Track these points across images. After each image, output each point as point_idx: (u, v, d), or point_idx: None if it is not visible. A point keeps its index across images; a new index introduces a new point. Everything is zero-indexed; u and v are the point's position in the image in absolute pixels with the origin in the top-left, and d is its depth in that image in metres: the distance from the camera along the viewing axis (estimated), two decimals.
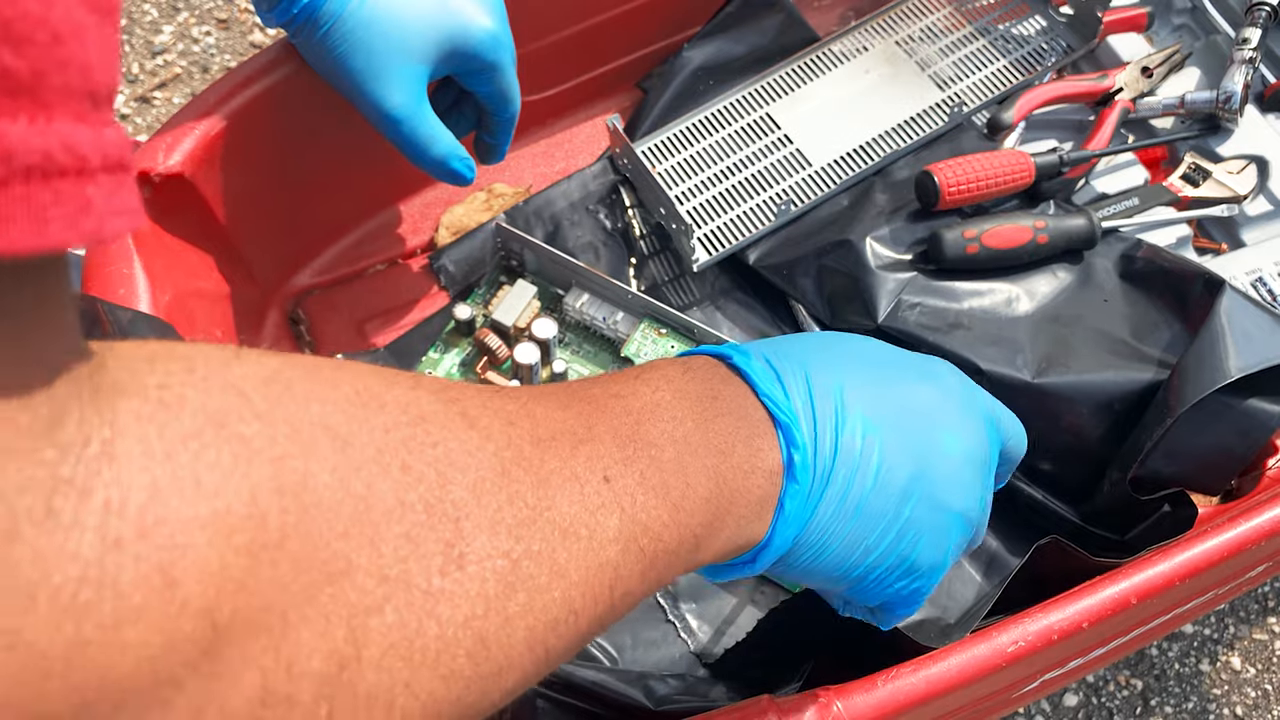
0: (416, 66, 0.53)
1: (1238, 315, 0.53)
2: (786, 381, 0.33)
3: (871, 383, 0.34)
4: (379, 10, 0.52)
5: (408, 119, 0.53)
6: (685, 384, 0.32)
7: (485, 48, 0.54)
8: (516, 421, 0.28)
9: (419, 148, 0.54)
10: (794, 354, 0.34)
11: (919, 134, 0.66)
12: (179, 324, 0.53)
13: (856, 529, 0.34)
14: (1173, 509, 0.53)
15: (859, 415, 0.33)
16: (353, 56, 0.52)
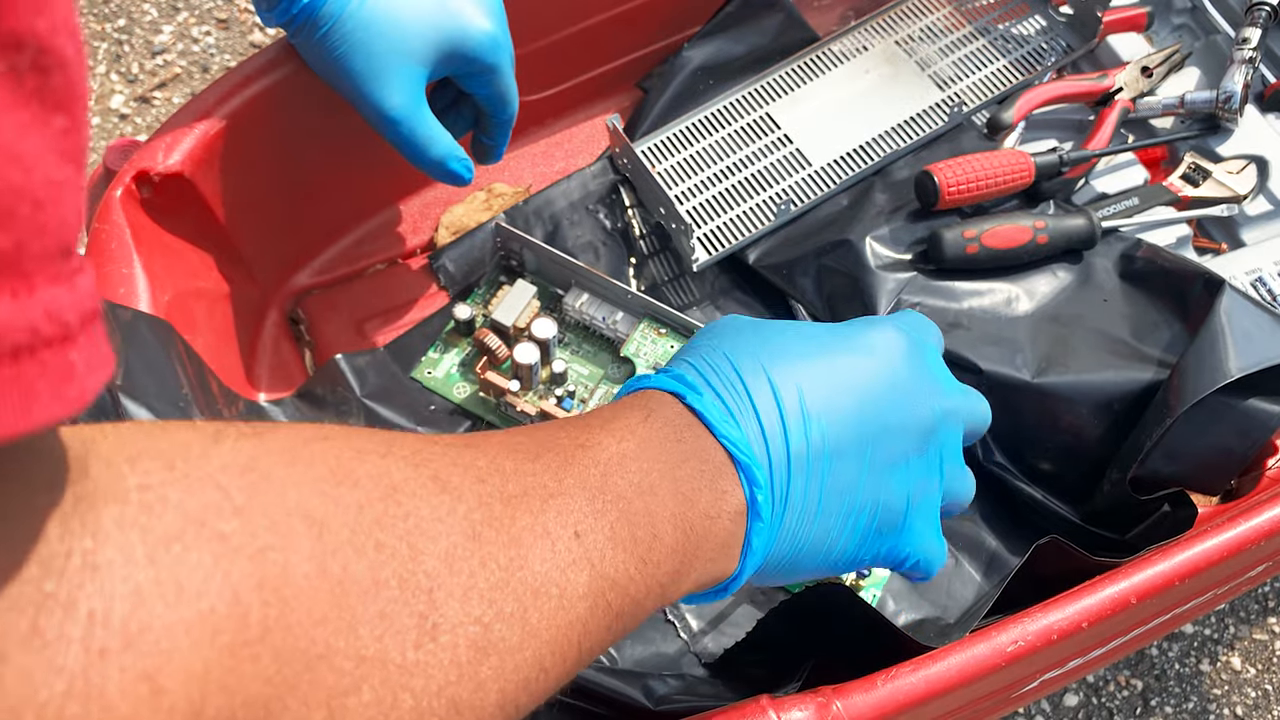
0: (415, 68, 0.53)
1: (1237, 315, 0.53)
2: (735, 410, 0.34)
3: (809, 377, 0.35)
4: (378, 12, 0.52)
5: (406, 120, 0.53)
6: (648, 432, 0.32)
7: (484, 50, 0.55)
8: (487, 478, 0.28)
9: (417, 149, 0.54)
10: (729, 364, 0.35)
11: (919, 134, 0.66)
12: (179, 324, 0.53)
13: (817, 532, 0.35)
14: (1172, 509, 0.53)
15: (804, 424, 0.34)
16: (352, 57, 0.52)
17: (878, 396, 0.36)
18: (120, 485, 0.21)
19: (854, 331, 0.38)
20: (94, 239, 0.54)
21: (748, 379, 0.34)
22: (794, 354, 0.36)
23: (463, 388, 0.61)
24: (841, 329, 0.38)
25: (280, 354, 0.65)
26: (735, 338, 0.36)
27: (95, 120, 1.13)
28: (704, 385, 0.34)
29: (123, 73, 1.15)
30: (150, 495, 0.21)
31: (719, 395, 0.34)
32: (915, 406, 0.37)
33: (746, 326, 0.37)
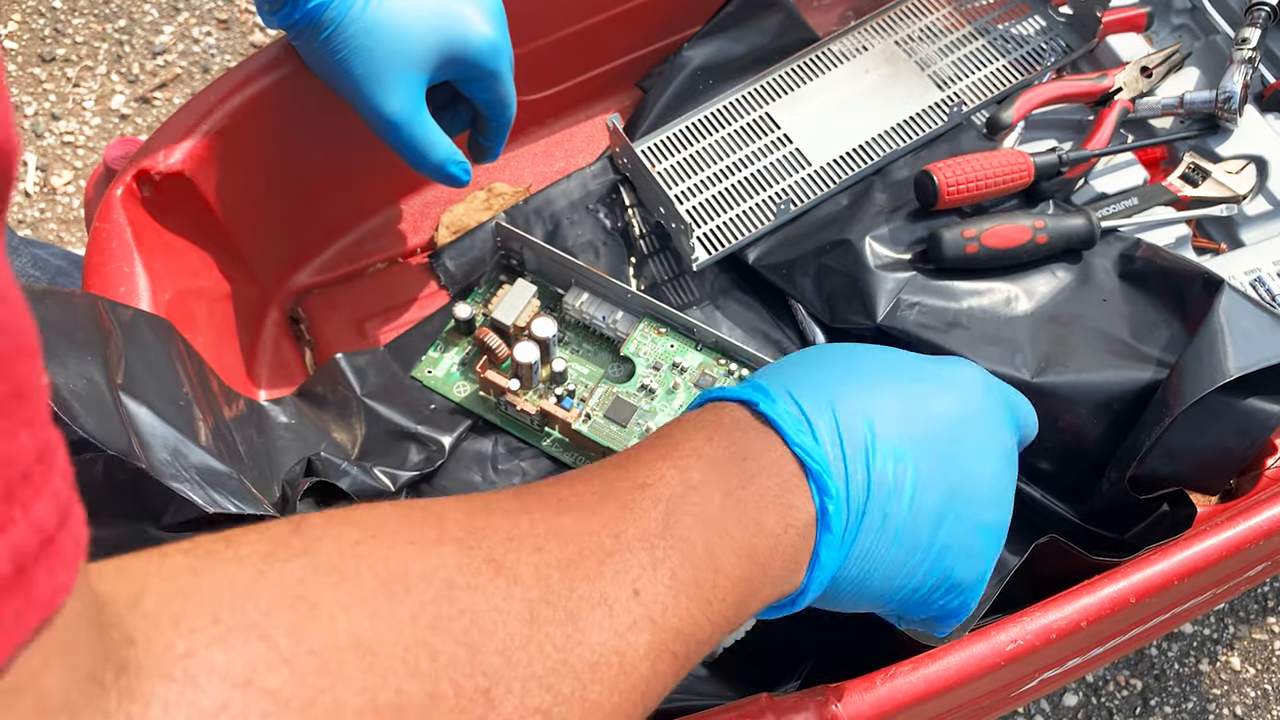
0: (416, 74, 0.53)
1: (1237, 315, 0.54)
2: (814, 421, 0.33)
3: (899, 404, 0.35)
4: (381, 17, 0.52)
5: (406, 124, 0.54)
6: (714, 453, 0.32)
7: (484, 56, 0.55)
8: (544, 546, 0.28)
9: (417, 153, 0.55)
10: (818, 382, 0.34)
11: (918, 134, 0.66)
12: (179, 323, 0.53)
13: (894, 558, 0.34)
14: (1171, 508, 0.53)
15: (889, 443, 0.34)
16: (354, 62, 0.52)
17: (965, 431, 0.35)
18: (166, 656, 0.21)
19: (940, 364, 0.37)
20: (95, 238, 0.54)
21: (835, 394, 0.34)
22: (882, 375, 0.35)
23: (463, 387, 0.61)
24: (927, 359, 0.37)
25: (280, 353, 0.65)
26: (824, 358, 0.36)
27: (96, 120, 1.13)
28: (782, 394, 0.34)
29: (123, 73, 1.15)
30: (195, 664, 0.21)
31: (796, 402, 0.33)
32: (998, 445, 0.36)
33: (835, 350, 0.37)
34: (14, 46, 1.16)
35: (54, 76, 1.14)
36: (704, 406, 0.35)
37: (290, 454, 0.56)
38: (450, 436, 0.59)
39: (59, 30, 1.16)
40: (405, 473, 0.57)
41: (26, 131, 1.11)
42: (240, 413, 0.55)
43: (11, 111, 0.17)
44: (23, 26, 1.17)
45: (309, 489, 0.49)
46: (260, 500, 0.45)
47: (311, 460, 0.55)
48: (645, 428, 0.57)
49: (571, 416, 0.57)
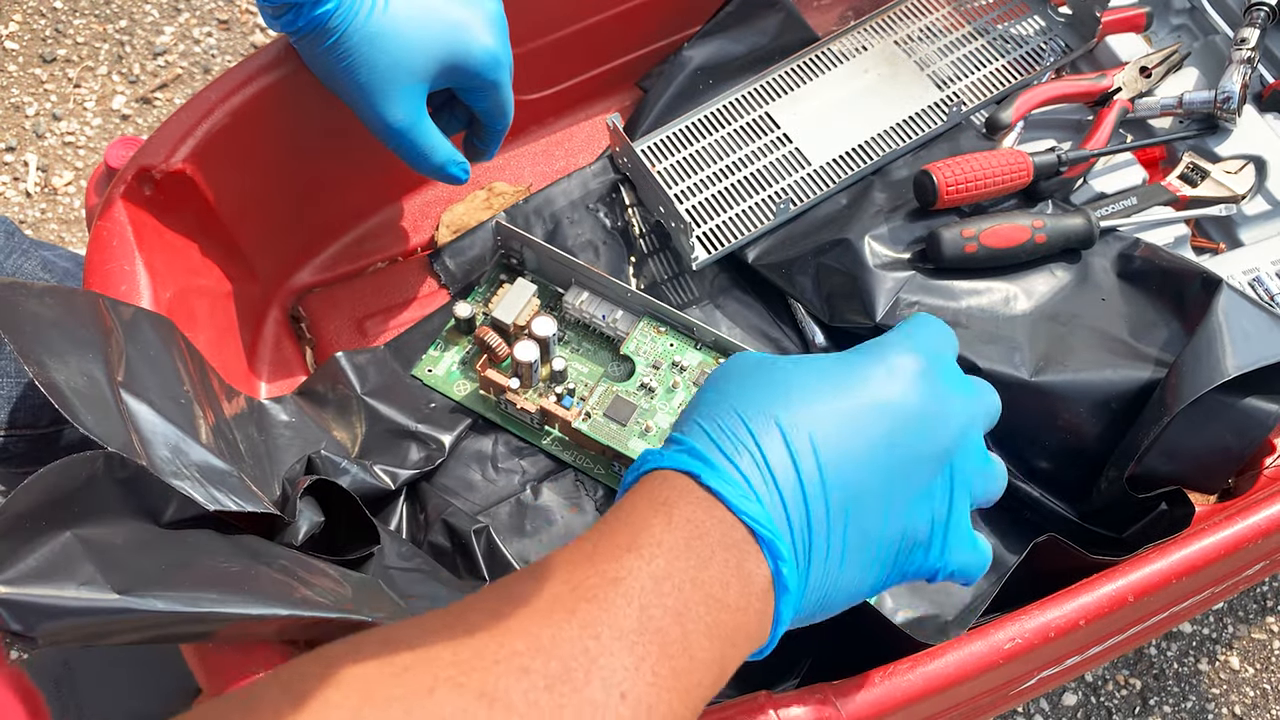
0: (418, 83, 0.54)
1: (1235, 314, 0.54)
2: (750, 478, 0.34)
3: (821, 423, 0.35)
4: (384, 27, 0.52)
5: (409, 131, 0.55)
6: (674, 540, 0.33)
7: (485, 67, 0.56)
8: (530, 667, 0.29)
9: (418, 156, 0.56)
10: (738, 420, 0.35)
11: (918, 133, 0.66)
12: (180, 321, 0.53)
13: (845, 577, 0.36)
14: (1170, 507, 0.53)
15: (821, 476, 0.34)
16: (357, 71, 0.53)
17: (896, 432, 0.36)
18: None
19: (867, 363, 0.37)
20: (96, 236, 0.54)
21: (761, 438, 0.34)
22: (806, 398, 0.35)
23: (463, 385, 0.61)
24: (854, 361, 0.37)
25: (281, 351, 0.65)
26: (743, 384, 0.36)
27: (97, 121, 1.13)
28: (717, 455, 0.34)
29: (124, 73, 1.15)
30: None
31: (734, 463, 0.34)
32: (935, 432, 0.37)
33: (754, 369, 0.37)
34: (15, 47, 1.16)
35: (55, 77, 1.14)
36: (652, 477, 0.35)
37: (291, 452, 0.56)
38: (450, 435, 0.59)
39: (60, 31, 1.17)
40: (405, 471, 0.57)
41: (27, 131, 1.11)
42: (241, 411, 0.55)
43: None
44: (24, 27, 1.17)
45: (309, 487, 0.49)
46: (260, 498, 0.45)
47: (312, 458, 0.55)
48: (644, 426, 0.57)
49: (571, 415, 0.57)
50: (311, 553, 0.47)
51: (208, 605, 0.38)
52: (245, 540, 0.44)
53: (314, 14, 0.51)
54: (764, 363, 0.37)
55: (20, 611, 0.34)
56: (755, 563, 0.33)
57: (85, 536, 0.38)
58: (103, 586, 0.36)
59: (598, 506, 0.58)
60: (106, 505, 0.40)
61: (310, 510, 0.49)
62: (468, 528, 0.55)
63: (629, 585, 0.31)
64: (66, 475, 0.38)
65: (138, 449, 0.41)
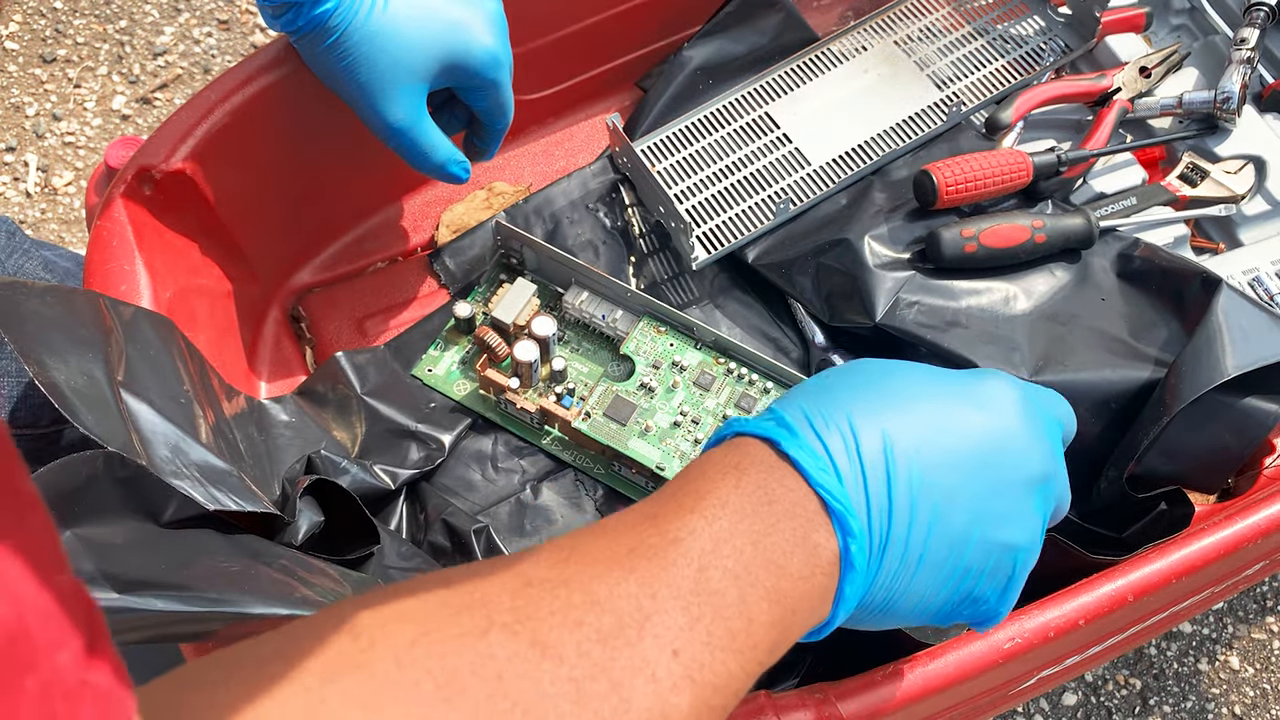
0: (419, 83, 0.54)
1: (1235, 314, 0.54)
2: (836, 456, 0.34)
3: (923, 429, 0.35)
4: (384, 26, 0.52)
5: (409, 130, 0.55)
6: (740, 501, 0.33)
7: (485, 67, 0.56)
8: (584, 620, 0.29)
9: (419, 155, 0.56)
10: (839, 410, 0.35)
11: (917, 133, 0.66)
12: (180, 320, 0.53)
13: (918, 584, 0.35)
14: (1170, 507, 0.53)
15: (912, 473, 0.34)
16: (357, 70, 0.53)
17: (997, 451, 0.36)
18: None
19: (971, 381, 0.37)
20: (96, 236, 0.54)
21: (856, 421, 0.34)
22: (908, 397, 0.35)
23: (463, 385, 0.61)
24: (958, 376, 0.37)
25: (281, 351, 0.65)
26: (851, 379, 0.36)
27: (97, 121, 1.13)
28: (804, 427, 0.34)
29: (124, 73, 1.15)
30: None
31: (819, 436, 0.34)
32: (1032, 459, 0.36)
33: (865, 368, 0.37)
34: (15, 47, 1.16)
35: (55, 77, 1.14)
36: (729, 443, 0.35)
37: (290, 452, 0.56)
38: (450, 435, 0.59)
39: (60, 31, 1.17)
40: (405, 471, 0.57)
41: (27, 132, 1.11)
42: (241, 410, 0.55)
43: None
44: (24, 27, 1.17)
45: (309, 487, 0.49)
46: (260, 498, 0.45)
47: (312, 458, 0.55)
48: (644, 426, 0.57)
49: (571, 415, 0.57)
50: (311, 552, 0.47)
51: (208, 605, 0.38)
52: (245, 540, 0.44)
53: (314, 13, 0.51)
54: (876, 363, 0.37)
55: None
56: (824, 535, 0.33)
57: (85, 536, 0.38)
58: (103, 586, 0.36)
59: (598, 506, 0.58)
60: (107, 505, 0.40)
61: (310, 510, 0.49)
62: (467, 527, 0.55)
63: (689, 545, 0.31)
64: (67, 475, 0.38)
65: (138, 449, 0.41)
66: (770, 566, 0.32)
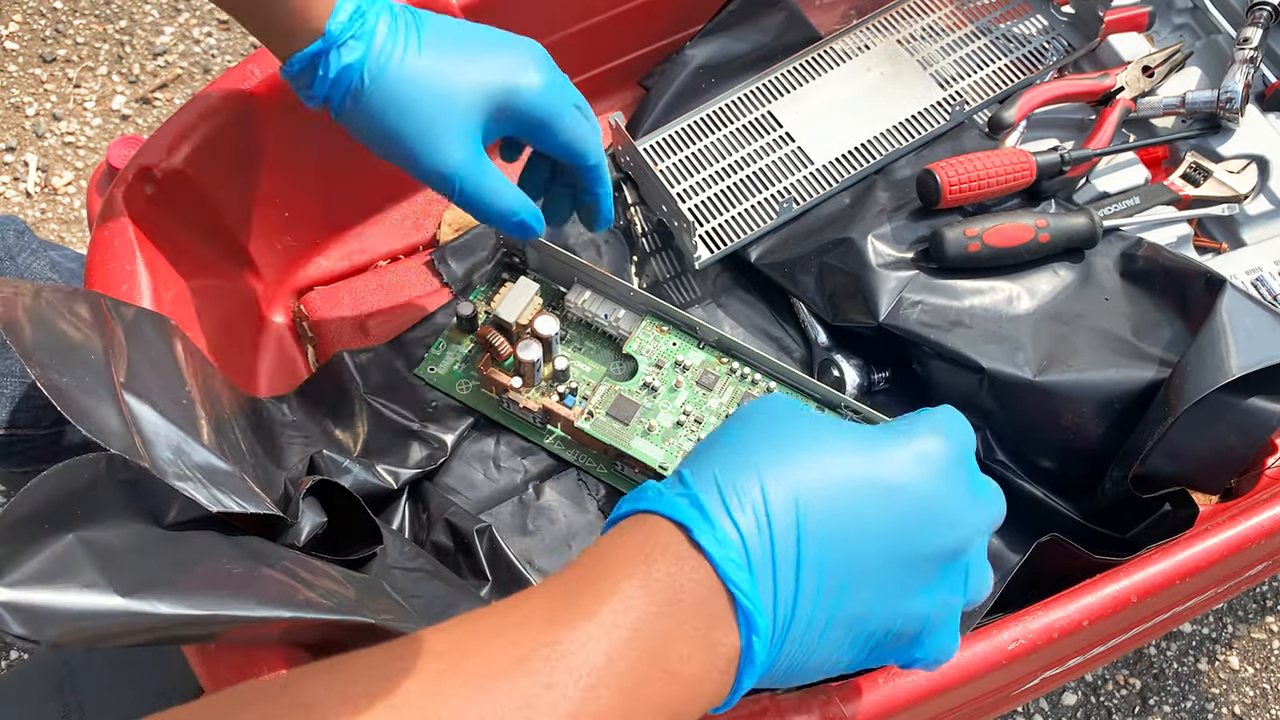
0: (468, 125, 0.50)
1: (1239, 314, 0.54)
2: (748, 539, 0.32)
3: (839, 497, 0.33)
4: (421, 70, 0.49)
5: (466, 174, 0.50)
6: (646, 604, 0.31)
7: (535, 105, 0.51)
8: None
9: (482, 203, 0.51)
10: (753, 474, 0.33)
11: (920, 132, 0.66)
12: (182, 320, 0.53)
13: (819, 654, 0.34)
14: (1173, 507, 0.53)
15: (823, 551, 0.33)
16: (401, 118, 0.48)
17: (913, 525, 0.34)
18: None
19: (897, 445, 0.35)
20: (97, 236, 0.54)
21: (771, 493, 0.33)
22: (830, 468, 0.34)
23: (465, 384, 0.61)
24: (885, 441, 0.35)
25: (283, 350, 0.65)
26: (770, 436, 0.34)
27: (97, 121, 1.13)
28: (717, 507, 0.32)
29: (124, 73, 1.15)
30: None
31: (731, 518, 0.32)
32: (950, 532, 0.35)
33: (786, 421, 0.35)
34: (15, 47, 1.16)
35: (55, 77, 1.14)
36: (639, 522, 0.33)
37: (293, 451, 0.56)
38: (453, 434, 0.59)
39: (60, 31, 1.16)
40: (407, 470, 0.57)
41: (27, 131, 1.11)
42: (243, 410, 0.55)
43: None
44: (24, 27, 1.17)
45: (311, 487, 0.49)
46: (263, 499, 0.45)
47: (314, 458, 0.55)
48: (647, 426, 0.57)
49: (574, 414, 0.57)
50: (314, 554, 0.47)
51: (211, 607, 0.38)
52: (248, 542, 0.44)
53: (345, 65, 0.48)
54: (795, 416, 0.36)
55: (24, 615, 0.34)
56: (725, 632, 0.32)
57: (88, 539, 0.37)
58: (106, 589, 0.36)
59: (600, 506, 0.58)
60: (109, 507, 0.39)
61: (312, 511, 0.49)
62: (470, 527, 0.55)
63: (581, 660, 0.30)
64: (69, 478, 0.38)
65: (140, 450, 0.41)
66: (665, 677, 0.31)
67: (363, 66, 0.48)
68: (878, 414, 0.57)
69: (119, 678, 0.59)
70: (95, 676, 0.59)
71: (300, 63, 0.48)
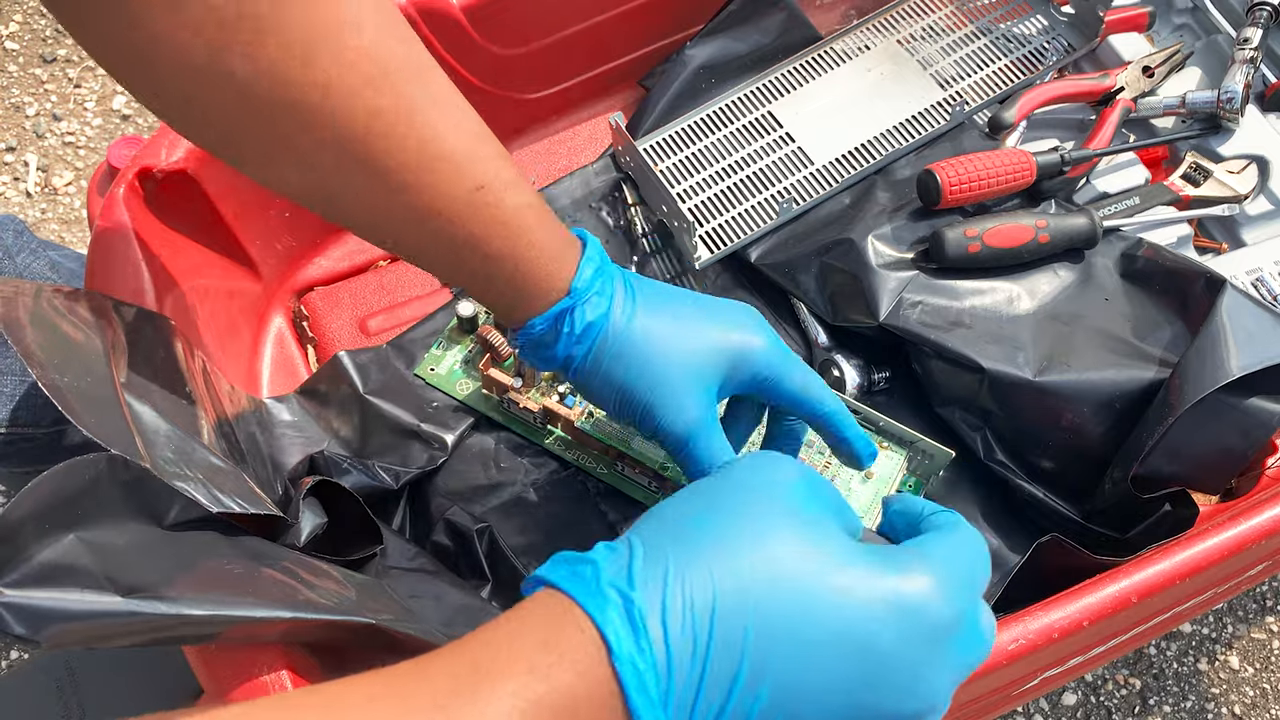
0: (706, 382, 0.48)
1: (1239, 314, 0.54)
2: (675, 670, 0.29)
3: (798, 645, 0.30)
4: (659, 330, 0.47)
5: (702, 434, 0.47)
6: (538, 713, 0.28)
7: (768, 364, 0.49)
8: None
9: (706, 464, 0.48)
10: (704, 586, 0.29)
11: (920, 133, 0.66)
12: (182, 321, 0.53)
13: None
14: (1173, 508, 0.53)
15: (756, 706, 0.29)
16: (643, 374, 0.47)
17: (880, 686, 0.30)
18: None
19: (888, 588, 0.30)
20: (98, 236, 0.54)
21: (718, 639, 0.29)
22: (801, 615, 0.30)
23: (465, 384, 0.61)
24: (877, 577, 0.31)
25: (284, 350, 0.65)
26: (745, 541, 0.30)
27: (97, 121, 1.13)
28: (654, 621, 0.29)
29: None
30: None
31: (669, 649, 0.29)
32: (923, 699, 0.31)
33: (768, 522, 0.31)
34: (15, 47, 1.16)
35: (55, 77, 1.14)
36: (556, 609, 0.30)
37: (293, 452, 0.56)
38: (453, 434, 0.59)
39: (60, 31, 1.16)
40: (408, 470, 0.57)
41: (28, 131, 1.11)
42: (243, 410, 0.55)
43: None
44: (24, 27, 1.17)
45: (311, 487, 0.49)
46: (263, 500, 0.45)
47: (314, 458, 0.55)
48: None
49: (574, 414, 0.57)
50: (314, 554, 0.47)
51: (211, 608, 0.38)
52: (248, 542, 0.44)
53: (590, 321, 0.46)
54: (789, 518, 0.32)
55: (24, 615, 0.34)
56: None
57: (88, 539, 0.37)
58: (106, 589, 0.36)
59: (600, 506, 0.58)
60: (110, 508, 0.39)
61: (313, 511, 0.49)
62: (470, 527, 0.55)
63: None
64: (70, 478, 0.38)
65: (141, 451, 0.41)
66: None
67: (606, 322, 0.47)
68: (878, 414, 0.57)
69: (119, 678, 0.59)
70: (95, 676, 0.59)
71: (545, 322, 0.46)
